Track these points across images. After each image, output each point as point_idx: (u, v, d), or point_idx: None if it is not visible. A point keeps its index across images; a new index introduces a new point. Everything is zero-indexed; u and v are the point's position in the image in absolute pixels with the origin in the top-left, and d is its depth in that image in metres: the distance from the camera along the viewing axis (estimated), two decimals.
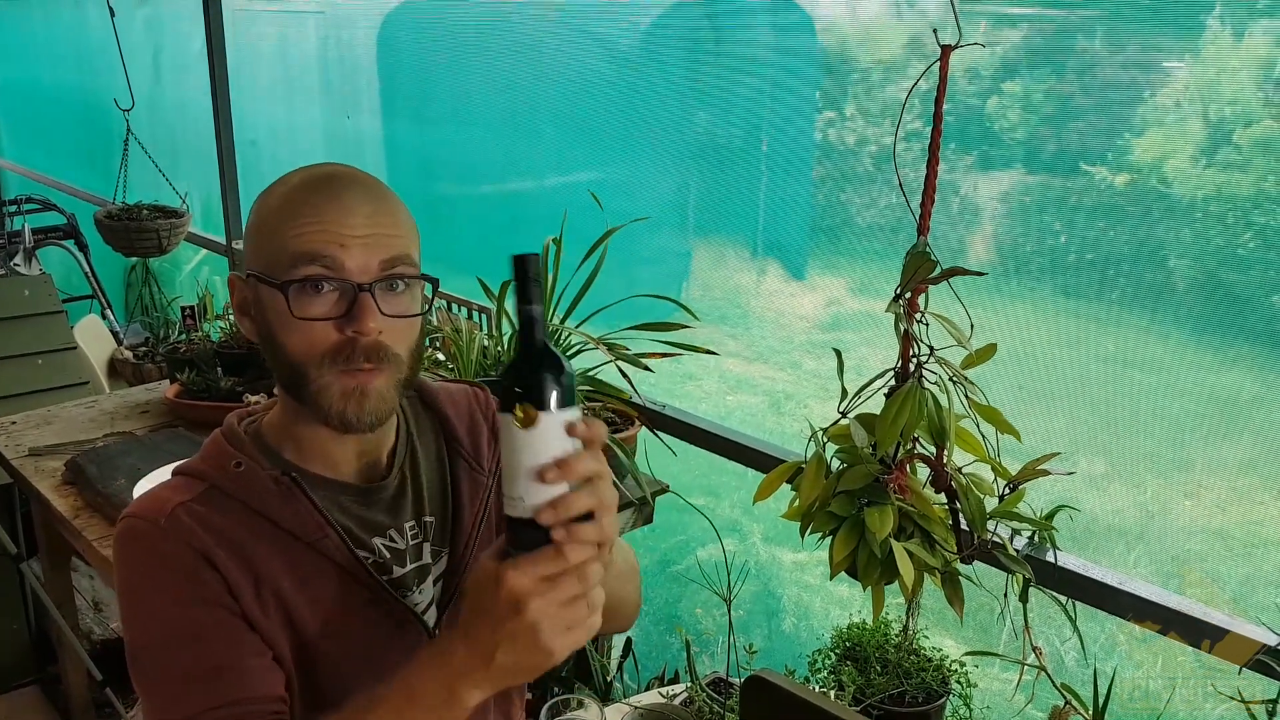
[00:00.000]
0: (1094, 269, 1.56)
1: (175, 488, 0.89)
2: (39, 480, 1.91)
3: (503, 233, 2.65)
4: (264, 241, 0.85)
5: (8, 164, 5.19)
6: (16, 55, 5.09)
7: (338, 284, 0.83)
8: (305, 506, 0.88)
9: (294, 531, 0.87)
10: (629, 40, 2.21)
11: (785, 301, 2.14)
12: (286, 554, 0.87)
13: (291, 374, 0.85)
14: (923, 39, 1.72)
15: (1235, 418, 1.48)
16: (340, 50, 3.07)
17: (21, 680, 2.56)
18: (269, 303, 0.85)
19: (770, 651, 2.01)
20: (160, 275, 4.03)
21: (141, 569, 0.85)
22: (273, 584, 0.86)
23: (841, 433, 1.28)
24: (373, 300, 0.83)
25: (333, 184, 0.85)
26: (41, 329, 2.78)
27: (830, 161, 1.93)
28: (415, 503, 0.96)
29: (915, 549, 1.21)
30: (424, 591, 0.95)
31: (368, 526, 0.93)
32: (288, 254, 0.83)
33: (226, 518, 0.86)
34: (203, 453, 0.92)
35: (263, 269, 0.85)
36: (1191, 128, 1.43)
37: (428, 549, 0.96)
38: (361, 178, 0.88)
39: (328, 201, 0.84)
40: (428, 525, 0.97)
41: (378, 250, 0.84)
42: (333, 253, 0.82)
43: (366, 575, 0.89)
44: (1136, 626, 1.30)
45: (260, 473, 0.88)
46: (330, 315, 0.83)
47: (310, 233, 0.83)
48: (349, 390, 0.84)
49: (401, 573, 0.94)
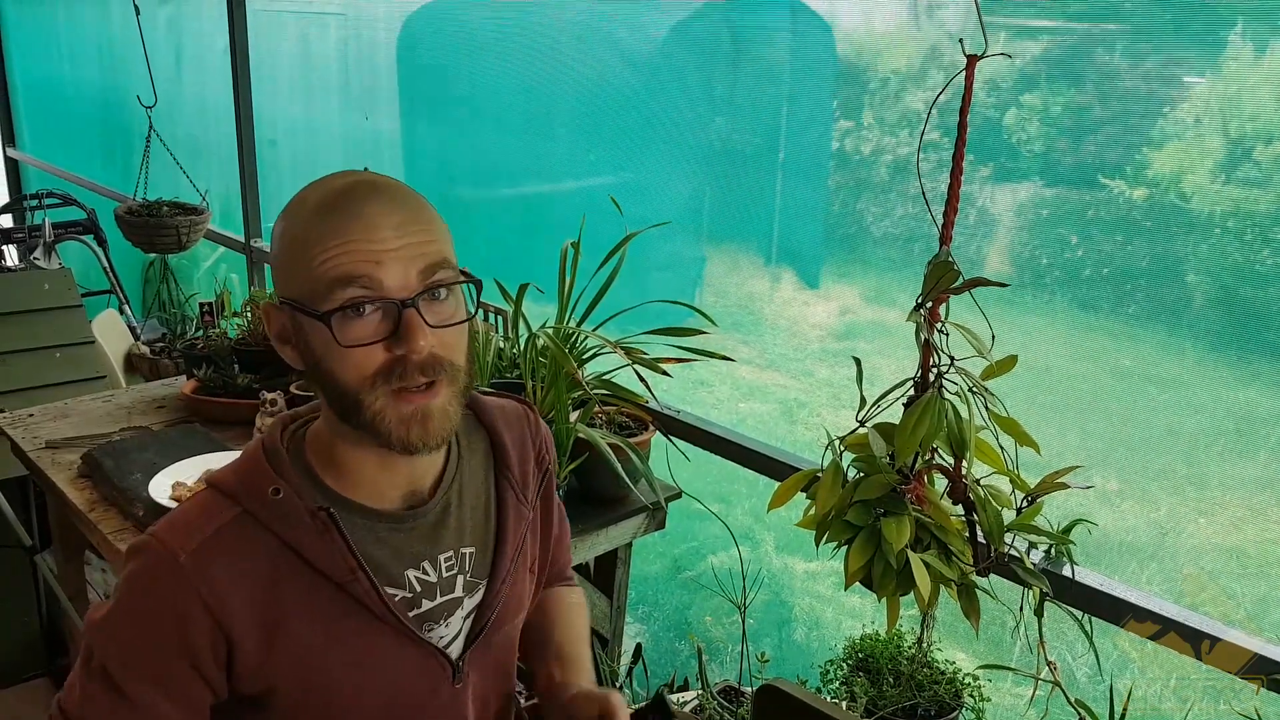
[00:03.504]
0: (1111, 283, 1.55)
1: (207, 510, 0.85)
2: (55, 473, 1.92)
3: (520, 235, 2.67)
4: (295, 270, 0.81)
5: (29, 159, 5.23)
6: (39, 52, 5.14)
7: (380, 303, 0.79)
8: (339, 546, 0.85)
9: (324, 571, 0.85)
10: (648, 46, 2.22)
11: (798, 309, 2.14)
12: (312, 593, 0.85)
13: (344, 400, 0.82)
14: (941, 49, 1.72)
15: (1252, 435, 1.47)
16: (361, 51, 3.09)
17: (32, 673, 2.58)
18: (311, 332, 0.82)
19: (781, 661, 2.01)
20: (178, 272, 4.07)
21: (139, 594, 0.84)
22: (289, 625, 0.84)
23: (859, 441, 1.28)
24: (418, 315, 0.79)
25: (353, 198, 0.80)
26: (60, 323, 2.80)
27: (846, 170, 1.94)
28: (456, 533, 0.93)
29: (932, 560, 1.21)
30: (451, 625, 0.93)
31: (402, 558, 0.89)
32: (322, 282, 0.79)
33: (254, 552, 0.84)
34: (240, 467, 0.88)
35: (298, 298, 0.81)
36: (1211, 143, 1.43)
37: (461, 581, 0.93)
38: (381, 184, 0.83)
39: (352, 219, 0.79)
40: (465, 557, 0.93)
41: (414, 260, 0.80)
42: (368, 271, 0.79)
43: (394, 617, 0.87)
44: (1150, 643, 1.29)
45: (297, 504, 0.85)
46: (377, 337, 0.80)
47: (341, 256, 0.78)
48: (407, 415, 0.81)
49: (430, 606, 0.91)
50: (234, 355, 2.25)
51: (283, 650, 0.84)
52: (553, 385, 1.73)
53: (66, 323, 2.81)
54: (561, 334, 1.75)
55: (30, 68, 5.21)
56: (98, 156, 4.64)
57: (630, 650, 1.95)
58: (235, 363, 2.23)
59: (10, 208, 4.25)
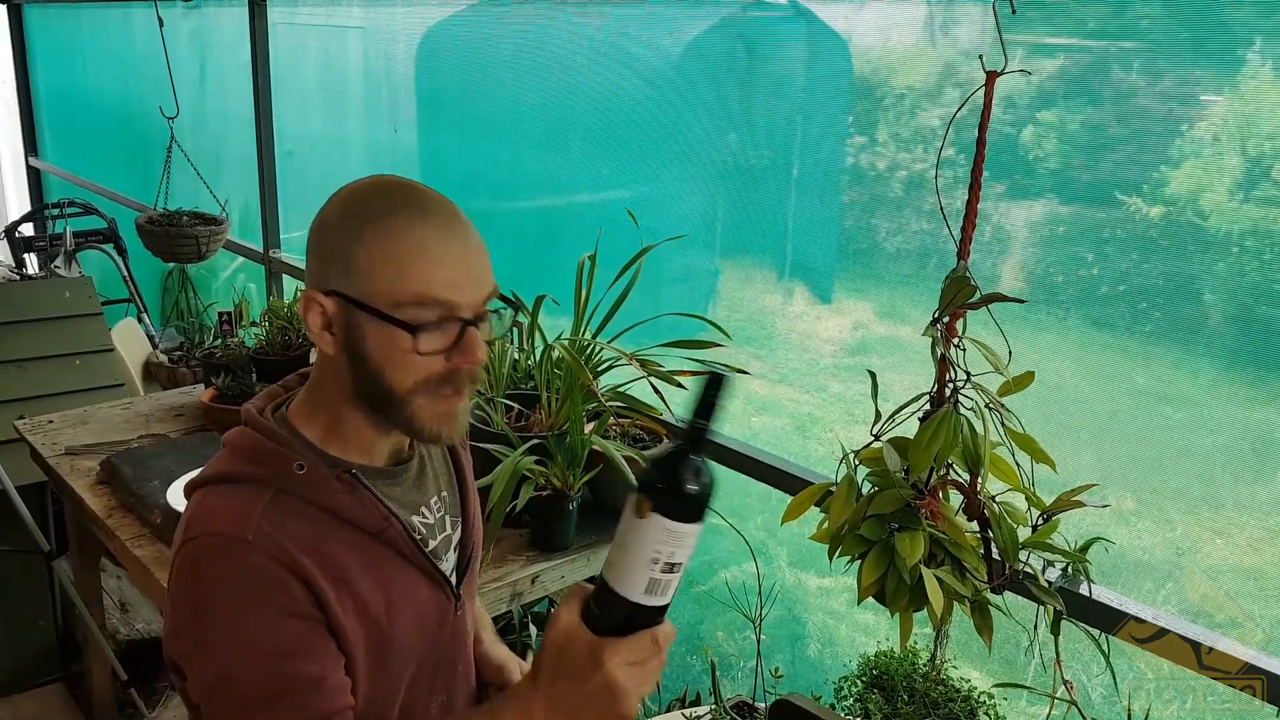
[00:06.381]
0: (1126, 301, 1.55)
1: (244, 498, 0.89)
2: (74, 479, 1.94)
3: (534, 248, 2.68)
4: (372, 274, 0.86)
5: (51, 168, 5.30)
6: (62, 62, 5.21)
7: (455, 321, 0.88)
8: (370, 500, 0.93)
9: (361, 525, 0.92)
10: (663, 62, 2.23)
11: (811, 324, 2.14)
12: (356, 548, 0.92)
13: (388, 396, 0.89)
14: (956, 66, 1.73)
15: (1269, 455, 1.46)
16: (380, 64, 3.12)
17: (47, 678, 2.59)
18: (369, 328, 0.87)
19: (794, 677, 2.00)
20: (197, 281, 4.10)
21: (230, 585, 0.85)
22: (349, 580, 0.91)
23: (873, 456, 1.28)
24: (478, 333, 0.89)
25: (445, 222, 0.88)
26: (80, 330, 2.83)
27: (860, 186, 1.94)
28: (434, 480, 1.04)
29: (945, 576, 1.20)
30: (449, 559, 1.04)
31: (407, 506, 0.99)
32: (409, 294, 0.86)
33: (301, 521, 0.89)
34: (247, 456, 0.91)
35: (367, 297, 0.87)
36: (1229, 162, 1.43)
37: (448, 521, 1.05)
38: (455, 208, 0.92)
39: (449, 244, 0.87)
40: (444, 500, 1.05)
41: (484, 287, 0.90)
42: (450, 296, 0.87)
43: (422, 557, 0.97)
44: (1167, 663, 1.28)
45: (323, 471, 0.91)
46: (443, 347, 0.88)
47: (431, 278, 0.86)
48: (442, 414, 0.91)
49: (434, 544, 1.01)
50: (252, 364, 2.27)
51: (349, 600, 0.90)
52: (568, 397, 1.74)
53: (86, 330, 2.84)
54: (577, 346, 1.75)
55: (53, 77, 5.29)
56: (119, 166, 4.69)
57: None
58: (253, 371, 2.25)
59: (32, 216, 4.30)
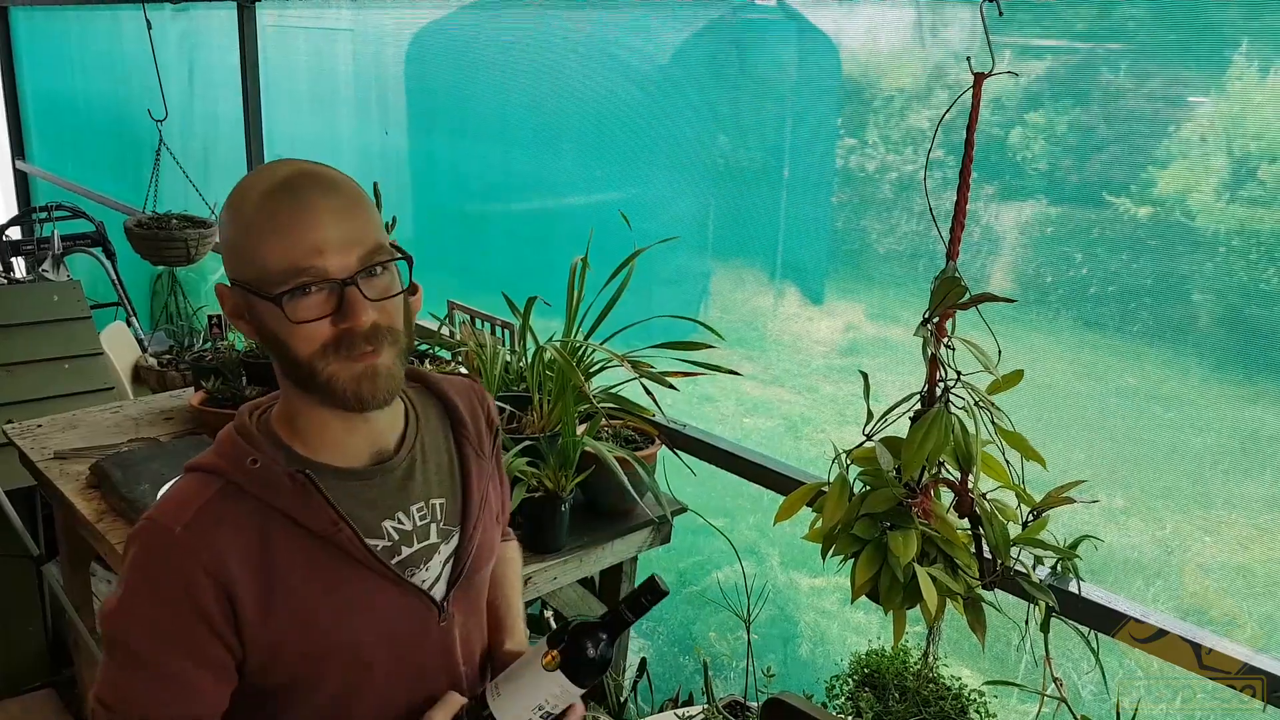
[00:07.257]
0: (1115, 301, 1.56)
1: (193, 488, 0.93)
2: (63, 483, 1.93)
3: (527, 249, 2.68)
4: (245, 257, 0.90)
5: (39, 171, 5.27)
6: (50, 65, 5.18)
7: (324, 284, 0.88)
8: (318, 502, 0.93)
9: (309, 526, 0.93)
10: (653, 63, 2.24)
11: (802, 325, 2.14)
12: (302, 548, 0.93)
13: (299, 370, 0.91)
14: (945, 68, 1.74)
15: (1257, 454, 1.47)
16: (370, 67, 3.12)
17: (37, 683, 2.57)
18: (263, 310, 0.90)
19: (786, 677, 2.00)
20: (186, 284, 4.09)
21: (146, 573, 0.91)
22: (286, 581, 0.92)
23: (865, 455, 1.29)
24: (359, 292, 0.89)
25: (295, 189, 0.89)
26: (69, 334, 2.81)
27: (850, 187, 1.95)
28: (423, 486, 1.02)
29: (938, 574, 1.21)
30: (431, 569, 1.02)
31: (377, 510, 0.98)
32: (271, 270, 0.88)
33: (243, 516, 0.92)
34: (218, 449, 0.96)
35: (249, 280, 0.90)
36: (1216, 162, 1.44)
37: (435, 529, 1.02)
38: (319, 174, 0.92)
39: (297, 213, 0.88)
40: (435, 507, 1.03)
41: (353, 247, 0.89)
42: (312, 262, 0.87)
43: (378, 563, 0.96)
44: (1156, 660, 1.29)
45: (275, 469, 0.93)
46: (324, 313, 0.89)
47: (288, 248, 0.87)
48: (358, 373, 0.90)
49: (409, 553, 1.00)
50: (242, 367, 2.26)
51: (282, 605, 0.92)
52: (560, 398, 1.74)
53: (75, 334, 2.82)
54: (569, 347, 1.75)
55: (41, 81, 5.26)
56: (107, 169, 4.67)
57: (635, 665, 1.94)
58: (243, 375, 2.24)
59: (19, 220, 4.28)
